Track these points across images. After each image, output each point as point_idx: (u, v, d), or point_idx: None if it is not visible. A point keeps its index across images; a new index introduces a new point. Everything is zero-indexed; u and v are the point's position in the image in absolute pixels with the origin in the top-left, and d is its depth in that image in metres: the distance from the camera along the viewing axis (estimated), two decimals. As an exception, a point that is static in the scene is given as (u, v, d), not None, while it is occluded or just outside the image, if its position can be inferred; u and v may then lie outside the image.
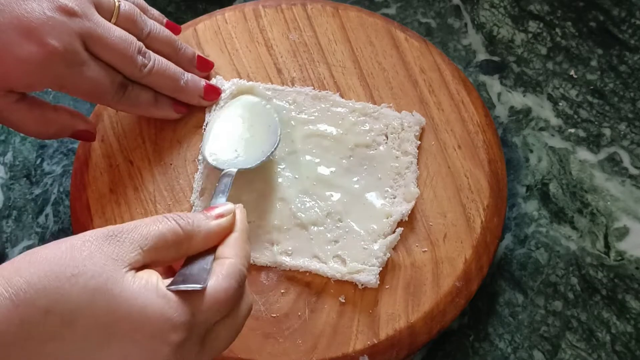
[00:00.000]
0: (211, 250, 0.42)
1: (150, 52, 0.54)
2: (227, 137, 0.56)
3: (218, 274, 0.40)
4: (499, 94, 0.65)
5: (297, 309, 0.53)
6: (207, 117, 0.58)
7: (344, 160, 0.57)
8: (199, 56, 0.59)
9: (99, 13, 0.51)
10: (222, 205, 0.45)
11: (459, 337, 0.56)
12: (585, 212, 0.60)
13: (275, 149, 0.54)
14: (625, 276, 0.58)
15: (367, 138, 0.58)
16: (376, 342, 0.52)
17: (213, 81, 0.59)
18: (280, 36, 0.62)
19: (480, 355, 0.56)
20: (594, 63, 0.66)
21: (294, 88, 0.60)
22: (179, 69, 0.56)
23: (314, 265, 0.53)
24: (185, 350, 0.38)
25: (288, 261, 0.53)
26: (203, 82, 0.58)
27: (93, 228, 0.55)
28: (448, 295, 0.53)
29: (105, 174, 0.57)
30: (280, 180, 0.56)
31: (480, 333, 0.57)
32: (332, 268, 0.53)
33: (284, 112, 0.58)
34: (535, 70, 0.66)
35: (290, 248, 0.54)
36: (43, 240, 0.59)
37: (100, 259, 0.37)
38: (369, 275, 0.53)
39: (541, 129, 0.63)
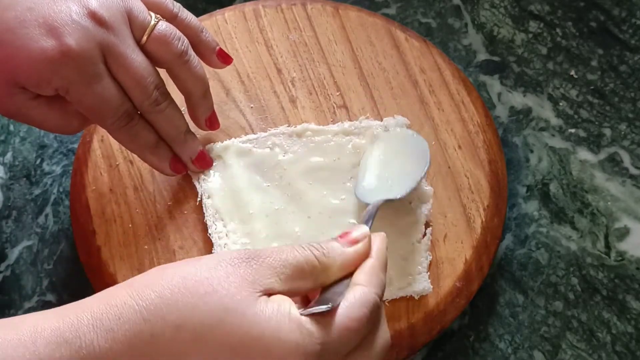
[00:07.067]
0: (348, 276, 0.41)
1: (168, 93, 0.51)
2: (376, 171, 0.54)
3: (350, 301, 0.38)
4: (499, 94, 0.65)
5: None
6: (199, 188, 0.55)
7: (348, 184, 0.55)
8: (213, 113, 0.55)
9: (132, 28, 0.49)
10: (357, 229, 0.43)
11: (459, 338, 0.56)
12: (585, 212, 0.60)
13: (425, 174, 0.53)
14: (625, 276, 0.58)
15: (360, 155, 0.56)
16: (376, 342, 0.52)
17: None
18: (280, 36, 0.62)
19: (480, 356, 0.56)
20: (594, 63, 0.66)
21: (268, 132, 0.57)
22: (185, 123, 0.53)
23: None
24: None
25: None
26: (201, 147, 0.55)
27: (93, 228, 0.55)
28: (448, 295, 0.53)
29: (105, 174, 0.57)
30: (296, 228, 0.54)
31: (481, 333, 0.57)
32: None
33: (271, 158, 0.56)
34: (535, 70, 0.66)
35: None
36: (43, 240, 0.59)
37: (236, 280, 0.36)
38: (421, 284, 0.52)
39: (541, 129, 0.63)
